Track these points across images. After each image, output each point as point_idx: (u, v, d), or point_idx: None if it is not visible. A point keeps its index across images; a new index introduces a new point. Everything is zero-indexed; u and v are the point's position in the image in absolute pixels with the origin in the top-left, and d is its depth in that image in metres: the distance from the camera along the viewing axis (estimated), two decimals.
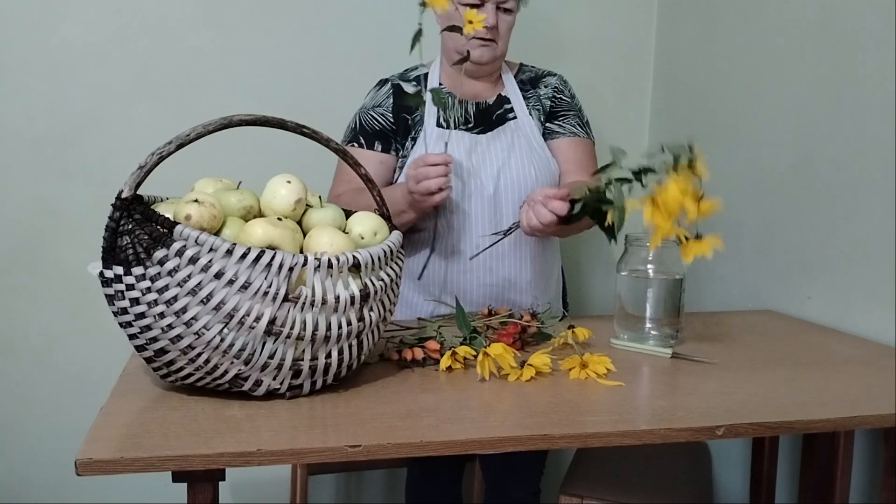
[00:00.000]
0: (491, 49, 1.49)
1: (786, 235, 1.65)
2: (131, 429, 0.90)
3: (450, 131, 1.51)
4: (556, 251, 1.65)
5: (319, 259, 0.94)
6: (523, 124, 1.55)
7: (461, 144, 1.50)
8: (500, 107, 1.57)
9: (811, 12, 1.56)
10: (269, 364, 0.95)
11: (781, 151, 1.66)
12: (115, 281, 0.93)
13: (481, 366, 1.09)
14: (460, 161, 1.48)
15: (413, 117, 1.54)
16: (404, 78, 1.58)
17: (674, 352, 1.25)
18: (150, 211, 0.93)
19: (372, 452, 0.87)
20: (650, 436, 0.94)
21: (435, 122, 1.53)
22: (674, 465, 1.63)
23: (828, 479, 1.33)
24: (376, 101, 1.56)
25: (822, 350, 1.33)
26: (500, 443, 0.91)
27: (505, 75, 1.60)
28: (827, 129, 1.52)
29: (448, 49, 1.53)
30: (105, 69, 1.89)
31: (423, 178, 1.32)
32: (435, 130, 1.52)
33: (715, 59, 1.91)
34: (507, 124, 1.55)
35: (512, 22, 1.51)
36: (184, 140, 0.94)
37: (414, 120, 1.54)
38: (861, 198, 1.44)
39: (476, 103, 1.56)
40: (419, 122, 1.53)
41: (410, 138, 1.53)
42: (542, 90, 1.59)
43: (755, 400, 1.05)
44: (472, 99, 1.56)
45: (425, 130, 1.52)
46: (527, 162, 1.51)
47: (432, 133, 1.51)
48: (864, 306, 1.43)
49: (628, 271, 1.29)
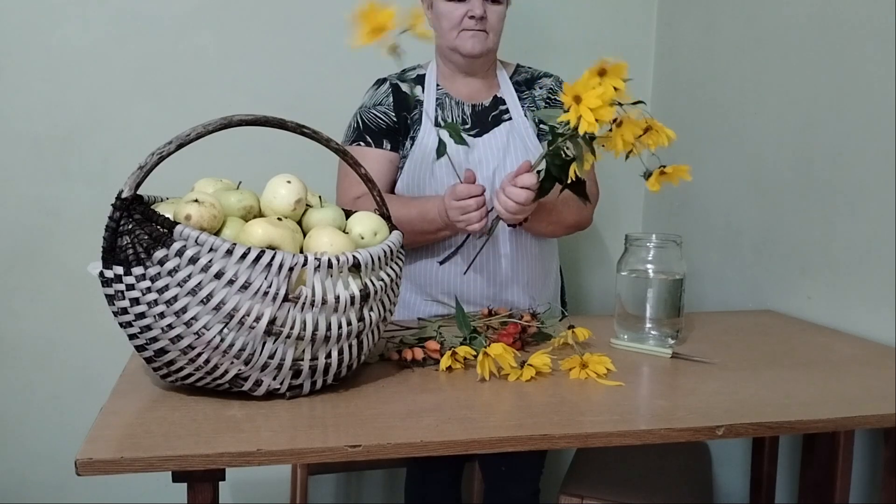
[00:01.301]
0: (481, 39, 1.48)
1: (786, 235, 1.65)
2: (131, 429, 0.90)
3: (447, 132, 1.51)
4: (553, 251, 1.65)
5: (319, 259, 0.94)
6: (518, 125, 1.55)
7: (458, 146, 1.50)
8: (495, 108, 1.57)
9: (811, 12, 1.56)
10: (269, 364, 0.95)
11: (781, 151, 1.66)
12: (115, 281, 0.93)
13: (481, 366, 1.09)
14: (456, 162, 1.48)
15: (412, 117, 1.54)
16: (402, 78, 1.58)
17: (674, 352, 1.25)
18: (150, 211, 0.93)
19: (372, 452, 0.87)
20: (650, 436, 0.94)
21: (433, 123, 1.53)
22: (674, 465, 1.63)
23: (828, 479, 1.33)
24: (377, 100, 1.56)
25: (822, 350, 1.33)
26: (500, 443, 0.91)
27: (500, 76, 1.60)
28: (827, 129, 1.52)
29: (442, 47, 1.53)
30: (105, 69, 1.89)
31: (466, 210, 1.33)
32: (433, 130, 1.52)
33: (715, 59, 1.91)
34: (503, 125, 1.55)
35: (502, 13, 1.50)
36: (184, 140, 0.94)
37: (412, 119, 1.54)
38: (861, 198, 1.44)
39: (472, 105, 1.56)
40: (417, 121, 1.54)
41: (409, 138, 1.54)
42: (537, 91, 1.59)
43: (755, 400, 1.05)
44: (468, 100, 1.56)
45: (424, 130, 1.52)
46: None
47: (431, 133, 1.51)
48: (864, 306, 1.43)
49: (628, 271, 1.29)
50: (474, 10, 1.45)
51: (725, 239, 1.87)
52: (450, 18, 1.47)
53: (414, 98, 1.52)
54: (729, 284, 1.86)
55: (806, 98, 1.58)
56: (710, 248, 1.93)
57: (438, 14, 1.49)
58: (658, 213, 2.19)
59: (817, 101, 1.55)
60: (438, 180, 1.49)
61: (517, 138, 1.54)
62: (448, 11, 1.47)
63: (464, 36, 1.48)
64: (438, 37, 1.52)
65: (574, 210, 1.50)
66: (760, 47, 1.73)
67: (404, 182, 1.53)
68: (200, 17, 1.92)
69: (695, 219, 2.00)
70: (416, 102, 1.54)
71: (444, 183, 1.48)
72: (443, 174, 1.49)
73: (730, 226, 1.85)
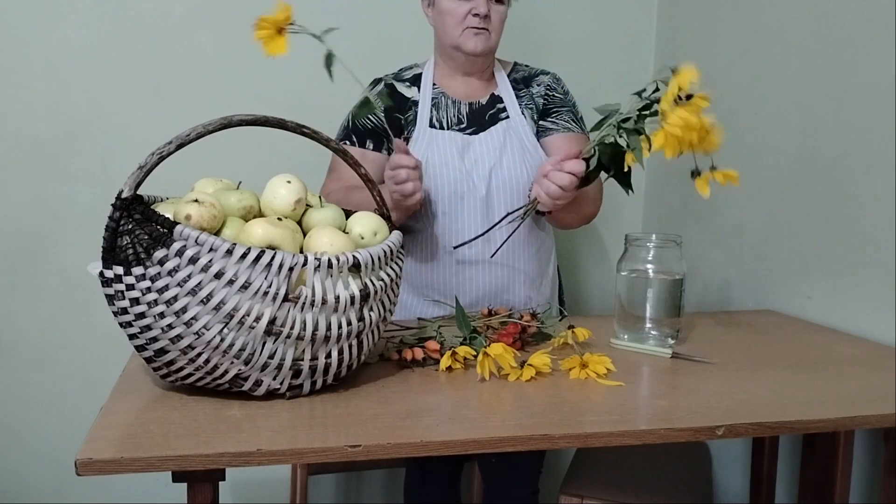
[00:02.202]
0: (485, 38, 1.48)
1: (786, 235, 1.65)
2: (131, 429, 0.90)
3: (442, 132, 1.51)
4: (550, 250, 1.64)
5: (319, 259, 0.94)
6: (516, 124, 1.55)
7: (454, 145, 1.50)
8: (492, 106, 1.56)
9: (811, 12, 1.56)
10: (269, 364, 0.95)
11: (782, 151, 1.66)
12: (115, 281, 0.93)
13: (481, 366, 1.09)
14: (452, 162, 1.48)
15: (406, 117, 1.54)
16: (399, 78, 1.58)
17: (674, 352, 1.24)
18: (150, 211, 0.93)
19: (372, 452, 0.87)
20: (650, 436, 0.94)
21: (428, 123, 1.52)
22: (674, 465, 1.63)
23: (828, 479, 1.33)
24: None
25: (822, 350, 1.33)
26: (499, 443, 0.91)
27: (498, 74, 1.59)
28: (827, 128, 1.52)
29: (443, 45, 1.53)
30: (105, 69, 1.89)
31: (399, 180, 1.32)
32: (427, 131, 1.51)
33: (715, 60, 1.91)
34: (499, 124, 1.54)
35: (504, 13, 1.50)
36: (184, 140, 0.94)
37: (407, 119, 1.54)
38: (861, 198, 1.44)
39: (469, 103, 1.56)
40: (412, 121, 1.53)
41: (403, 138, 1.53)
42: (534, 88, 1.58)
43: (755, 400, 1.05)
44: (465, 99, 1.56)
45: (418, 131, 1.52)
46: (518, 162, 1.51)
47: (425, 133, 1.51)
48: (864, 306, 1.43)
49: (628, 271, 1.29)
50: (479, 7, 1.44)
51: (725, 239, 1.87)
52: (454, 16, 1.47)
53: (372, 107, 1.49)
54: (729, 284, 1.86)
55: (806, 98, 1.58)
56: (710, 248, 1.93)
57: (441, 11, 1.48)
58: (658, 213, 2.19)
59: (817, 101, 1.55)
60: (432, 178, 1.48)
61: (514, 136, 1.53)
62: (452, 9, 1.46)
63: (467, 34, 1.47)
64: (440, 35, 1.52)
65: (591, 202, 1.52)
66: (760, 47, 1.73)
67: None
68: (200, 17, 1.92)
69: (695, 219, 2.00)
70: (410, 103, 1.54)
71: (440, 182, 1.48)
72: (438, 174, 1.48)
73: (730, 226, 1.85)
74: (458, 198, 1.49)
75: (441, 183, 1.48)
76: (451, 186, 1.48)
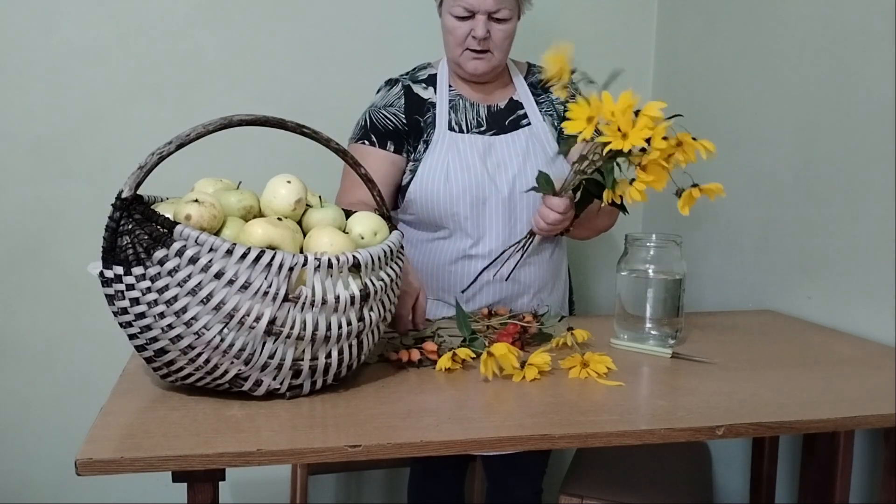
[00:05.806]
0: (486, 61, 1.46)
1: (786, 235, 1.65)
2: (131, 429, 0.90)
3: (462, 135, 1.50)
4: (563, 253, 1.64)
5: (319, 259, 0.94)
6: (538, 130, 1.54)
7: (475, 148, 1.49)
8: (512, 112, 1.55)
9: (811, 13, 1.56)
10: (269, 364, 0.95)
11: (782, 151, 1.66)
12: (115, 281, 0.93)
13: (485, 365, 1.09)
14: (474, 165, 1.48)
15: (425, 119, 1.52)
16: (414, 79, 1.55)
17: (674, 352, 1.25)
18: (150, 211, 0.93)
19: (372, 452, 0.87)
20: (650, 436, 0.94)
21: (447, 126, 1.51)
22: (674, 465, 1.63)
23: (828, 479, 1.33)
24: (388, 101, 1.53)
25: (822, 350, 1.33)
26: (500, 443, 0.91)
27: (515, 78, 1.58)
28: (827, 129, 1.52)
29: (448, 59, 1.53)
30: (105, 69, 1.89)
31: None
32: (447, 134, 1.50)
33: (715, 60, 1.91)
34: (521, 130, 1.53)
35: (509, 30, 1.46)
36: (184, 140, 0.94)
37: (426, 122, 1.52)
38: (861, 198, 1.44)
39: (487, 106, 1.54)
40: (431, 124, 1.51)
41: (423, 141, 1.51)
42: (553, 95, 1.56)
43: (755, 400, 1.05)
44: (483, 102, 1.54)
45: (438, 134, 1.50)
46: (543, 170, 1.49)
47: (444, 137, 1.50)
48: (864, 306, 1.43)
49: (628, 271, 1.29)
50: (477, 30, 1.42)
51: (725, 239, 1.87)
52: (454, 35, 1.45)
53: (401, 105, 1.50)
54: (729, 284, 1.86)
55: (806, 98, 1.58)
56: (710, 248, 1.93)
57: (445, 28, 1.48)
58: (658, 213, 2.19)
59: (817, 101, 1.55)
60: (453, 183, 1.47)
61: (537, 144, 1.52)
62: (453, 28, 1.45)
63: (467, 56, 1.46)
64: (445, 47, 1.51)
65: (605, 215, 1.53)
66: (761, 48, 1.73)
67: (416, 185, 1.49)
68: (200, 17, 1.92)
69: (695, 219, 2.00)
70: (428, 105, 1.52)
71: (459, 186, 1.47)
72: (460, 178, 1.47)
73: (730, 226, 1.85)
74: (481, 202, 1.48)
75: (462, 188, 1.47)
76: (474, 191, 1.47)
